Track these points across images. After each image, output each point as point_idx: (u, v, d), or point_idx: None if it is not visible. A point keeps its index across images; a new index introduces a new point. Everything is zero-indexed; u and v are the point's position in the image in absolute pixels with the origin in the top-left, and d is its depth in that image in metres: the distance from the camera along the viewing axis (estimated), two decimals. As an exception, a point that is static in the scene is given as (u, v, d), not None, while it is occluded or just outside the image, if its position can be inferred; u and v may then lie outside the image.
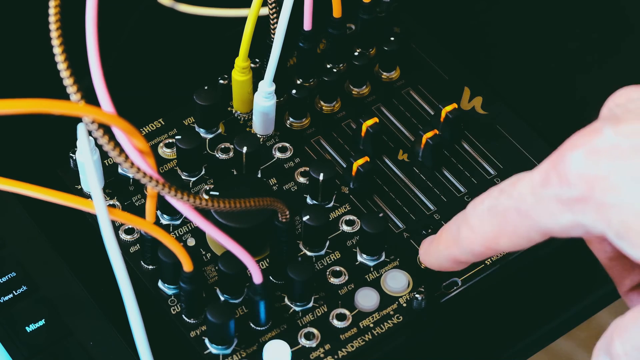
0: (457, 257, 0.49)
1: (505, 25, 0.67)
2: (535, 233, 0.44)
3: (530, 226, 0.44)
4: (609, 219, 0.41)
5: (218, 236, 0.48)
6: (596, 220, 0.41)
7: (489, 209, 0.46)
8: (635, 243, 0.40)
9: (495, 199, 0.45)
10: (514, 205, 0.44)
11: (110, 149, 0.44)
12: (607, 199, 0.40)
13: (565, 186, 0.42)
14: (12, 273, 0.55)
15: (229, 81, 0.60)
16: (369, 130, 0.58)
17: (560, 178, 0.42)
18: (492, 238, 0.46)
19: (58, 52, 0.43)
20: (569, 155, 0.42)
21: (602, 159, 0.41)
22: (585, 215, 0.41)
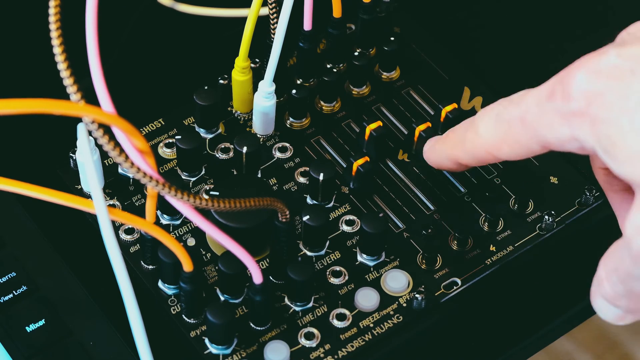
0: (459, 158, 0.53)
1: (505, 26, 0.67)
2: (534, 143, 0.47)
3: (531, 136, 0.47)
4: (599, 133, 0.43)
5: (218, 236, 0.48)
6: (589, 135, 0.44)
7: (496, 115, 0.49)
8: (618, 158, 0.43)
9: (503, 107, 0.49)
10: (520, 115, 0.47)
11: (110, 149, 0.44)
12: (600, 114, 0.43)
13: (567, 100, 0.45)
14: (12, 273, 0.55)
15: (229, 81, 0.60)
16: (372, 133, 0.58)
17: (564, 93, 0.45)
18: (495, 144, 0.49)
19: (58, 52, 0.43)
20: (574, 72, 0.45)
21: (602, 77, 0.44)
22: (580, 130, 0.44)
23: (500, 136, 0.49)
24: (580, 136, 0.44)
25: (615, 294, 0.46)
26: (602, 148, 0.44)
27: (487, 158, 0.51)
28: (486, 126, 0.50)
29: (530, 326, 0.55)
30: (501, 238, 0.57)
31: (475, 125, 0.51)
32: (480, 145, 0.50)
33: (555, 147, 0.46)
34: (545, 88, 0.46)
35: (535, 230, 0.57)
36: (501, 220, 0.57)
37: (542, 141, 0.47)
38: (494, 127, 0.49)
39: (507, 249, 0.57)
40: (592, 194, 0.58)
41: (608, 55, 0.44)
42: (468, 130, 0.51)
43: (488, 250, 0.57)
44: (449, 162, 0.54)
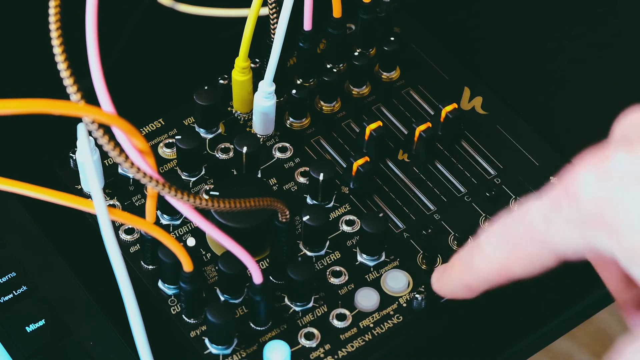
0: (471, 284, 0.49)
1: (505, 25, 0.67)
2: (548, 258, 0.44)
3: (542, 252, 0.44)
4: (620, 242, 0.40)
5: (218, 236, 0.48)
6: (607, 243, 0.41)
7: (501, 236, 0.46)
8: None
9: (507, 226, 0.45)
10: (526, 232, 0.44)
11: (110, 149, 0.44)
12: (618, 223, 0.40)
13: (576, 208, 0.41)
14: (12, 273, 0.55)
15: (229, 81, 0.60)
16: (372, 133, 0.58)
17: (571, 200, 0.42)
18: (505, 265, 0.46)
19: (58, 52, 0.43)
20: (580, 177, 0.41)
21: (614, 182, 0.40)
22: (596, 238, 0.41)
23: (510, 256, 0.46)
24: (597, 245, 0.41)
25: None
26: (628, 259, 0.41)
27: (500, 279, 0.47)
28: (493, 248, 0.46)
29: (530, 326, 0.55)
30: (501, 238, 0.57)
31: (481, 249, 0.47)
32: (491, 269, 0.47)
33: (572, 257, 0.43)
34: (548, 198, 0.43)
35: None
36: (501, 220, 0.57)
37: (556, 254, 0.44)
38: (501, 248, 0.46)
39: (507, 249, 0.57)
40: (592, 194, 0.58)
41: (617, 158, 0.41)
42: (474, 254, 0.48)
43: (488, 250, 0.57)
44: (461, 291, 0.50)
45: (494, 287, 0.48)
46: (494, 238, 0.46)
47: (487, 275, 0.47)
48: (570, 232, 0.42)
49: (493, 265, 0.47)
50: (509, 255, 0.46)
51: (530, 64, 0.65)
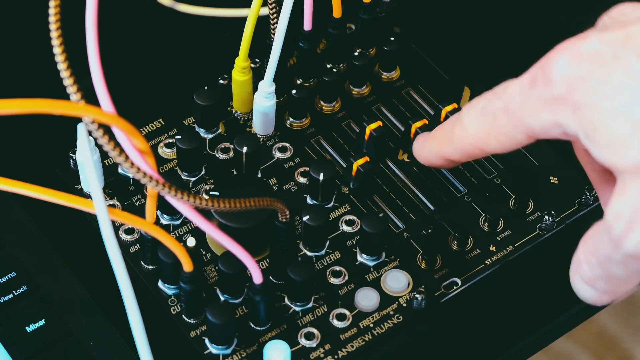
0: (448, 154, 0.53)
1: (505, 25, 0.67)
2: (520, 133, 0.47)
3: (516, 126, 0.47)
4: (581, 118, 0.43)
5: (218, 236, 0.48)
6: (571, 120, 0.44)
7: (481, 109, 0.49)
8: (599, 143, 0.43)
9: (487, 100, 0.49)
10: (503, 106, 0.48)
11: (110, 149, 0.44)
12: (582, 99, 0.43)
13: (548, 86, 0.45)
14: (12, 273, 0.55)
15: (229, 81, 0.60)
16: (372, 133, 0.58)
17: (545, 79, 0.45)
18: (482, 138, 0.49)
19: (58, 52, 0.43)
20: (555, 57, 0.45)
21: (584, 62, 0.44)
22: (562, 114, 0.44)
23: (486, 129, 0.49)
24: (562, 121, 0.45)
25: (593, 276, 0.47)
26: (584, 133, 0.44)
27: (476, 152, 0.51)
28: (472, 120, 0.50)
29: (530, 326, 0.55)
30: (501, 238, 0.57)
31: (461, 121, 0.51)
32: (468, 140, 0.50)
33: (540, 134, 0.46)
34: (526, 76, 0.46)
35: (535, 230, 0.57)
36: (501, 220, 0.57)
37: (527, 130, 0.47)
38: (480, 120, 0.49)
39: (507, 249, 0.57)
40: (592, 194, 0.58)
41: (589, 40, 0.44)
42: (455, 125, 0.51)
43: (488, 250, 0.57)
44: (438, 160, 0.54)
45: (468, 159, 0.53)
46: (474, 112, 0.50)
47: (464, 146, 0.51)
48: (542, 109, 0.45)
49: (470, 138, 0.50)
50: (486, 129, 0.49)
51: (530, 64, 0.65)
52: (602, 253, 0.45)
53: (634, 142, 0.42)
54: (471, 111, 0.50)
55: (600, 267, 0.46)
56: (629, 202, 0.43)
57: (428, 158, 0.55)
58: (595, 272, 0.46)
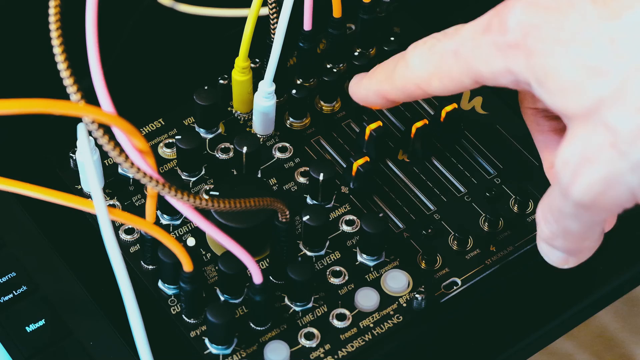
0: (387, 93, 0.52)
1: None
2: (466, 77, 0.47)
3: (463, 70, 0.47)
4: (534, 65, 0.43)
5: (218, 236, 0.48)
6: (523, 67, 0.44)
7: (429, 48, 0.49)
8: (551, 89, 0.43)
9: (437, 40, 0.48)
10: (454, 48, 0.47)
11: (110, 149, 0.45)
12: (536, 46, 0.43)
13: (503, 32, 0.45)
14: (12, 273, 0.55)
15: (229, 81, 0.60)
16: (372, 133, 0.58)
17: (500, 25, 0.45)
18: (425, 77, 0.49)
19: (58, 52, 0.43)
20: (511, 4, 0.45)
21: (540, 9, 0.44)
22: (515, 61, 0.44)
23: (431, 69, 0.48)
24: (514, 68, 0.44)
25: (551, 233, 0.47)
26: (536, 79, 0.44)
27: (417, 93, 0.50)
28: (418, 59, 0.49)
29: (530, 326, 0.55)
30: (501, 238, 0.57)
31: (406, 59, 0.50)
32: (410, 79, 0.50)
33: (488, 80, 0.46)
34: (481, 21, 0.46)
35: (535, 230, 0.57)
36: (501, 220, 0.57)
37: (475, 74, 0.46)
38: (426, 59, 0.49)
39: (507, 249, 0.57)
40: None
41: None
42: (398, 63, 0.50)
43: (488, 250, 0.57)
44: (376, 98, 0.53)
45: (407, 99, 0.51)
46: (421, 50, 0.49)
47: (405, 85, 0.50)
48: (494, 55, 0.45)
49: (413, 76, 0.49)
50: (431, 70, 0.48)
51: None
52: (554, 207, 0.45)
53: (585, 87, 0.42)
54: (417, 50, 0.49)
55: (555, 222, 0.46)
56: (577, 149, 0.43)
57: (365, 96, 0.54)
58: (552, 229, 0.47)
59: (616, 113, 0.41)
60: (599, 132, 0.42)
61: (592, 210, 0.44)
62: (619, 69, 0.41)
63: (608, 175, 0.42)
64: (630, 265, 0.58)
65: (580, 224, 0.46)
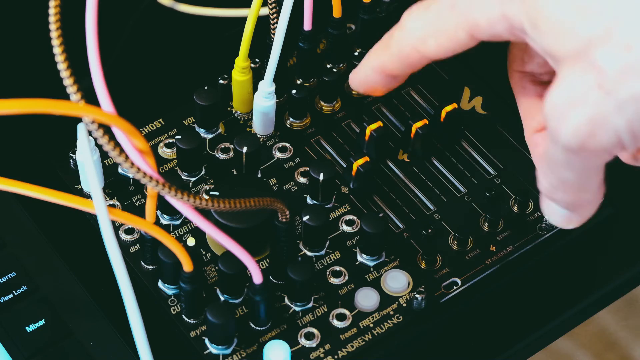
0: (385, 65, 0.50)
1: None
2: (462, 30, 0.46)
3: (459, 22, 0.46)
4: (528, 6, 0.43)
5: (218, 236, 0.48)
6: (518, 10, 0.44)
7: (425, 7, 0.48)
8: (543, 28, 0.43)
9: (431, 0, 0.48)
10: (450, 3, 0.47)
11: (110, 149, 0.44)
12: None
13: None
14: (12, 273, 0.55)
15: (229, 81, 0.60)
16: (372, 134, 0.58)
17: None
18: (421, 36, 0.48)
19: (58, 52, 0.43)
20: None
21: None
22: (510, 5, 0.44)
23: (427, 27, 0.48)
24: (509, 12, 0.44)
25: (550, 186, 0.46)
26: (529, 21, 0.43)
27: (414, 57, 0.49)
28: (413, 20, 0.48)
29: (530, 326, 0.55)
30: (501, 238, 0.57)
31: (401, 22, 0.49)
32: (406, 42, 0.49)
33: (484, 30, 0.46)
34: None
35: (535, 230, 0.57)
36: (501, 220, 0.57)
37: (471, 25, 0.46)
38: (422, 18, 0.48)
39: (507, 249, 0.57)
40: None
41: None
42: (394, 29, 0.50)
43: (488, 250, 0.57)
44: (374, 74, 0.51)
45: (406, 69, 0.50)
46: (416, 11, 0.48)
47: (402, 51, 0.49)
48: (491, 2, 0.45)
49: (409, 38, 0.48)
50: (428, 27, 0.48)
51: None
52: (549, 156, 0.45)
53: (576, 27, 0.42)
54: (413, 11, 0.49)
55: (551, 173, 0.46)
56: (565, 91, 0.42)
57: (363, 77, 0.52)
58: (550, 180, 0.46)
59: (604, 52, 0.41)
60: (587, 73, 0.42)
61: (582, 154, 0.43)
62: (608, 9, 0.41)
63: (594, 116, 0.42)
64: (630, 265, 0.58)
65: (574, 171, 0.45)
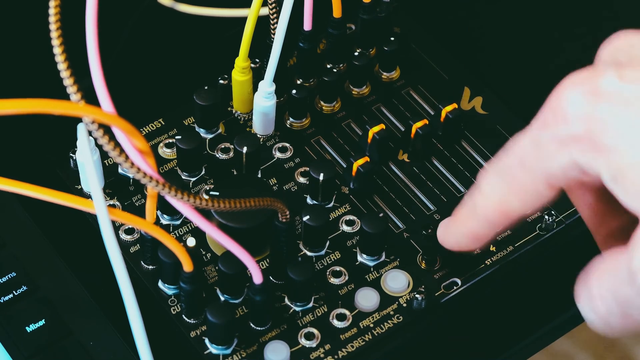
0: (475, 230, 0.49)
1: (505, 25, 0.67)
2: (540, 184, 0.44)
3: (534, 177, 0.44)
4: (606, 161, 0.41)
5: (218, 236, 0.48)
6: (592, 160, 0.41)
7: (497, 170, 0.46)
8: (629, 189, 0.41)
9: (500, 160, 0.46)
10: (518, 160, 0.45)
11: (110, 149, 0.44)
12: (606, 141, 0.41)
13: (563, 124, 0.42)
14: (12, 273, 0.55)
15: (229, 81, 0.60)
16: (375, 136, 0.58)
17: (557, 117, 0.42)
18: (503, 201, 0.46)
19: (58, 52, 0.43)
20: (566, 94, 0.42)
21: (603, 101, 0.41)
22: (582, 154, 0.42)
23: (505, 189, 0.46)
24: (582, 161, 0.42)
25: (608, 313, 0.44)
26: (611, 177, 0.41)
27: (502, 220, 0.47)
28: (489, 184, 0.47)
29: (530, 326, 0.55)
30: (501, 238, 0.57)
31: (479, 188, 0.47)
32: (490, 207, 0.47)
33: (560, 178, 0.43)
34: (536, 122, 0.44)
35: (535, 230, 0.57)
36: (501, 220, 0.57)
37: (546, 177, 0.44)
38: (497, 182, 0.46)
39: (507, 249, 0.57)
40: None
41: (607, 77, 0.41)
42: (474, 196, 0.48)
43: (488, 250, 0.57)
44: (467, 240, 0.50)
45: (499, 232, 0.48)
46: (490, 175, 0.46)
47: (488, 214, 0.47)
48: (557, 148, 0.42)
49: (492, 203, 0.46)
50: (506, 189, 0.46)
51: (531, 64, 0.65)
52: (622, 294, 0.42)
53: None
54: (487, 176, 0.47)
55: (618, 306, 0.43)
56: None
57: (455, 241, 0.51)
58: (612, 310, 0.43)
59: None
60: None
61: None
62: None
63: None
64: (630, 265, 0.58)
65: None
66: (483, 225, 0.48)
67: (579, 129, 0.41)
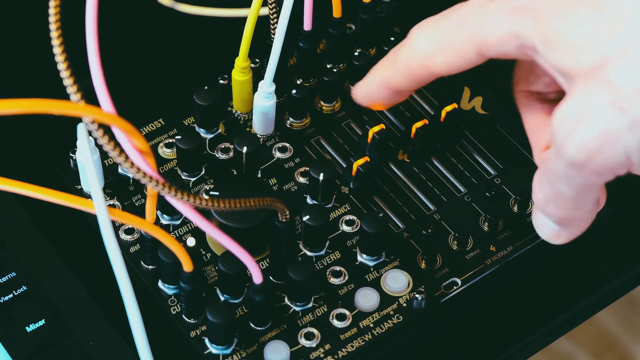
0: (391, 81, 0.50)
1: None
2: (471, 47, 0.46)
3: (467, 39, 0.46)
4: (542, 25, 0.44)
5: (218, 236, 0.48)
6: (530, 28, 0.44)
7: (434, 23, 0.48)
8: (557, 46, 0.43)
9: (442, 15, 0.48)
10: (459, 19, 0.47)
11: (110, 149, 0.44)
12: (545, 8, 0.44)
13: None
14: (12, 273, 0.55)
15: (229, 81, 0.60)
16: (375, 136, 0.58)
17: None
18: (428, 53, 0.48)
19: (58, 52, 0.43)
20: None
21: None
22: (522, 23, 0.44)
23: (435, 44, 0.48)
24: (521, 30, 0.44)
25: (544, 198, 0.47)
26: (543, 39, 0.44)
27: (420, 73, 0.49)
28: (422, 36, 0.48)
29: (530, 326, 0.55)
30: (501, 238, 0.57)
31: (410, 38, 0.49)
32: (414, 58, 0.49)
33: (493, 48, 0.46)
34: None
35: (535, 230, 0.57)
36: (501, 220, 0.57)
37: (480, 43, 0.46)
38: (430, 34, 0.48)
39: (507, 249, 0.57)
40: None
41: None
42: (402, 44, 0.49)
43: (488, 250, 0.57)
44: (379, 89, 0.51)
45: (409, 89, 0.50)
46: (425, 27, 0.48)
47: (409, 67, 0.49)
48: (500, 19, 0.45)
49: (416, 55, 0.48)
50: (436, 44, 0.48)
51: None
52: (549, 169, 0.45)
53: (592, 45, 0.42)
54: (421, 27, 0.49)
55: (549, 185, 0.46)
56: (576, 106, 0.43)
57: (369, 91, 0.52)
58: (546, 193, 0.46)
59: (620, 70, 0.41)
60: (600, 90, 0.42)
61: (585, 171, 0.43)
62: (627, 27, 0.41)
63: (605, 132, 0.42)
64: (630, 265, 0.58)
65: (572, 187, 0.45)
66: (400, 76, 0.50)
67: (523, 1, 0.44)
